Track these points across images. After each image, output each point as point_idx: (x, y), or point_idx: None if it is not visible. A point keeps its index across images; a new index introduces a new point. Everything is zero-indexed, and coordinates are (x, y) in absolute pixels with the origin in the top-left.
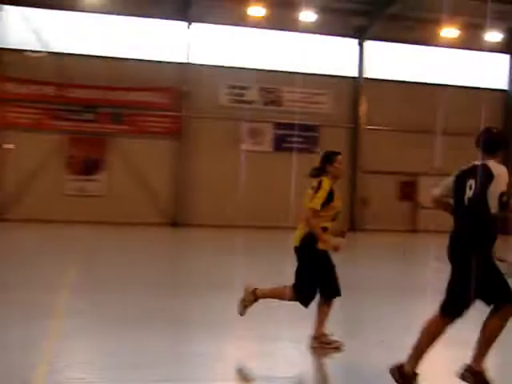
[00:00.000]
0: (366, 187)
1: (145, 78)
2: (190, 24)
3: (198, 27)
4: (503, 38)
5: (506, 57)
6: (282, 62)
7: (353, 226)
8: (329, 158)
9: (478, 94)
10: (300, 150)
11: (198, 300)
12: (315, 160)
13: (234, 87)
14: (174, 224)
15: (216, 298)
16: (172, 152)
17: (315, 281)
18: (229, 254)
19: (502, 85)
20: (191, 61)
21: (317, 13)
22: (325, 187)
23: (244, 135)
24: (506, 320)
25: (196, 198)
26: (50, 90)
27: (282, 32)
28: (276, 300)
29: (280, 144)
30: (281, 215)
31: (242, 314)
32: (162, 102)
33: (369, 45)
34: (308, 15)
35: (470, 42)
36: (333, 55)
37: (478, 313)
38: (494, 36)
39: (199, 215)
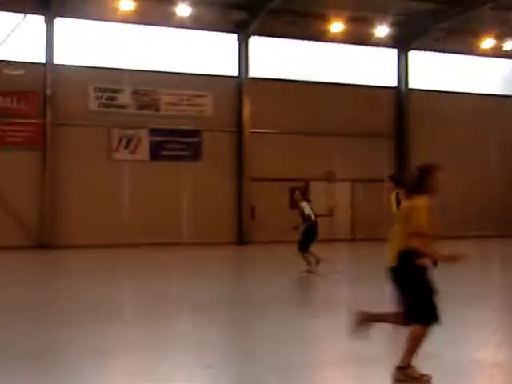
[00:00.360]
0: (254, 196)
1: (0, 82)
2: (51, 19)
3: (61, 23)
4: (390, 32)
5: (394, 51)
6: (157, 62)
7: (240, 238)
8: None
9: (369, 91)
10: (180, 158)
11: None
12: (199, 168)
13: (104, 90)
14: (41, 246)
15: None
16: (35, 164)
17: (425, 295)
18: (97, 279)
19: (392, 81)
20: (55, 61)
21: (192, 6)
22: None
23: (117, 143)
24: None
25: (66, 215)
26: None
27: (155, 27)
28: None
29: (158, 152)
30: (164, 231)
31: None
32: (21, 108)
33: (251, 41)
34: (183, 9)
35: (358, 36)
36: (212, 53)
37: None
38: (381, 30)
39: (71, 235)
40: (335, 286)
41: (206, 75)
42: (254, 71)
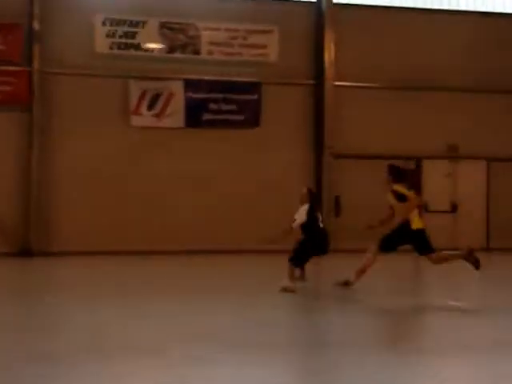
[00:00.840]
0: (339, 181)
1: None
2: None
3: None
4: None
5: None
6: None
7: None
8: None
9: None
10: (231, 124)
11: None
12: (258, 139)
13: (118, 23)
14: (25, 253)
15: None
16: (16, 133)
17: None
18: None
19: None
20: None
21: None
22: None
23: (137, 102)
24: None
25: (61, 209)
26: None
27: None
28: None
29: (198, 115)
30: (203, 233)
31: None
32: None
33: None
34: None
35: None
36: None
37: None
38: None
39: (66, 237)
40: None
41: (269, 1)
42: None
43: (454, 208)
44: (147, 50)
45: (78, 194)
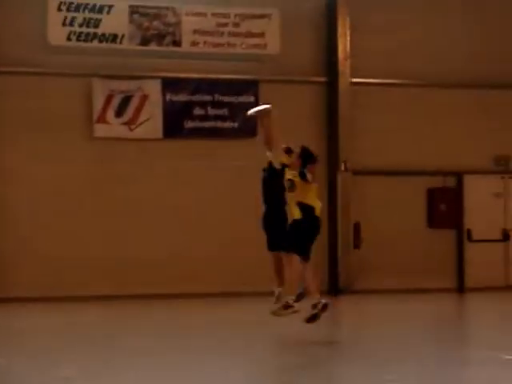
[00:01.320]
0: (359, 203)
1: None
2: None
3: None
4: None
5: None
6: None
7: (335, 283)
8: None
9: None
10: (221, 134)
11: None
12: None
13: (76, 7)
14: None
15: None
16: None
17: None
18: None
19: None
20: None
21: None
22: None
23: (102, 106)
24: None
25: (9, 245)
26: None
27: None
28: None
29: (179, 123)
30: (189, 273)
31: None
32: None
33: None
34: None
35: None
36: None
37: None
38: None
39: (17, 280)
40: None
41: None
42: None
43: (505, 236)
44: (114, 41)
45: (31, 221)
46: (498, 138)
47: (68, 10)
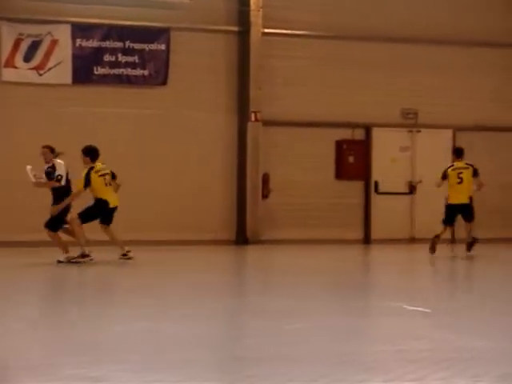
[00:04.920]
0: (268, 154)
1: None
2: None
3: None
4: None
5: None
6: None
7: (242, 234)
8: None
9: None
10: (131, 81)
11: None
12: (165, 101)
13: None
14: None
15: None
16: None
17: None
18: None
19: None
20: None
21: None
22: None
23: (10, 51)
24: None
25: None
26: None
27: None
28: None
29: (88, 69)
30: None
31: None
32: None
33: None
34: None
35: None
36: None
37: None
38: None
39: None
40: None
41: None
42: None
43: (411, 189)
44: None
45: None
46: (407, 92)
47: None
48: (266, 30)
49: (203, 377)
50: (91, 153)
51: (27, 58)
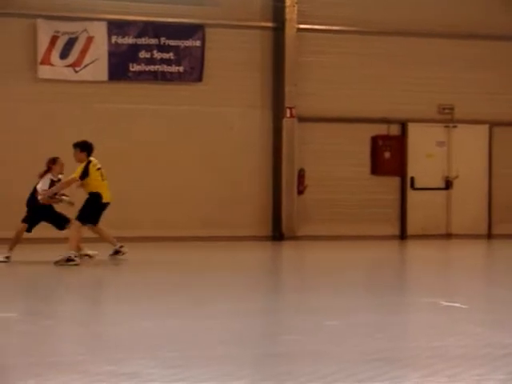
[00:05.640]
0: (304, 150)
1: None
2: None
3: None
4: None
5: None
6: None
7: (278, 229)
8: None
9: None
10: (167, 78)
11: None
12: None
13: None
14: None
15: None
16: None
17: None
18: None
19: None
20: None
21: None
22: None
23: (46, 48)
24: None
25: None
26: None
27: None
28: None
29: (123, 66)
30: (130, 219)
31: None
32: None
33: None
34: None
35: None
36: None
37: None
38: None
39: None
40: None
41: None
42: None
43: (447, 184)
44: None
45: None
46: (443, 87)
47: None
48: (301, 26)
49: (235, 374)
50: (88, 148)
51: (63, 55)
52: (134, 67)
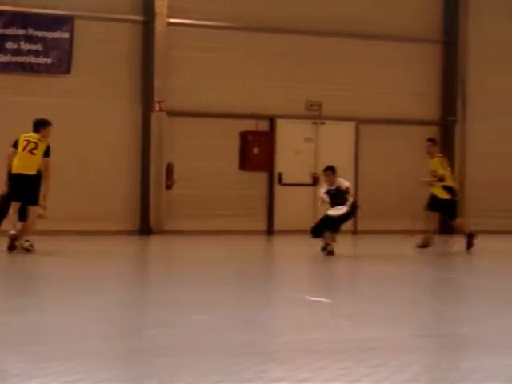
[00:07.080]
0: (172, 145)
1: None
2: None
3: None
4: None
5: None
6: None
7: (145, 224)
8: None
9: None
10: (33, 69)
11: None
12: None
13: None
14: None
15: None
16: None
17: None
18: None
19: None
20: None
21: None
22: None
23: None
24: None
25: None
26: None
27: None
28: None
29: None
30: None
31: None
32: None
33: None
34: None
35: None
36: None
37: None
38: None
39: None
40: None
41: None
42: None
43: (314, 180)
44: None
45: None
46: (311, 84)
47: None
48: (172, 20)
49: (100, 369)
50: None
51: None
52: (1, 58)
